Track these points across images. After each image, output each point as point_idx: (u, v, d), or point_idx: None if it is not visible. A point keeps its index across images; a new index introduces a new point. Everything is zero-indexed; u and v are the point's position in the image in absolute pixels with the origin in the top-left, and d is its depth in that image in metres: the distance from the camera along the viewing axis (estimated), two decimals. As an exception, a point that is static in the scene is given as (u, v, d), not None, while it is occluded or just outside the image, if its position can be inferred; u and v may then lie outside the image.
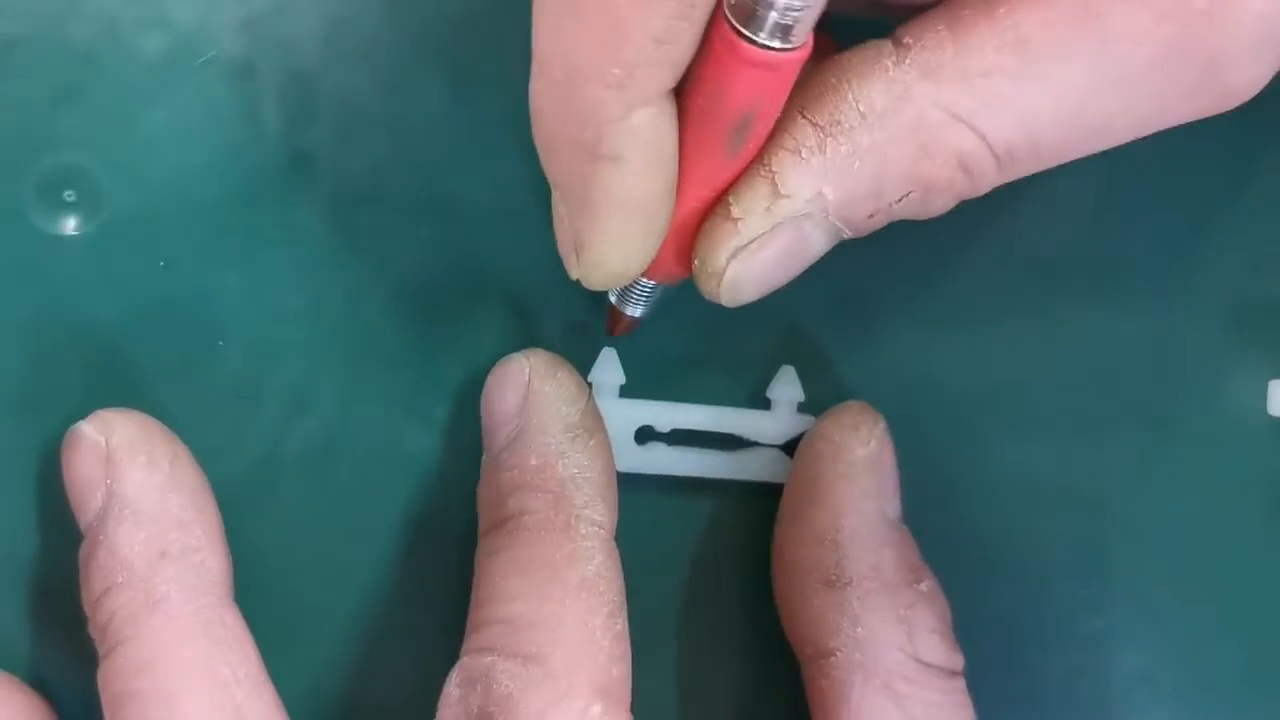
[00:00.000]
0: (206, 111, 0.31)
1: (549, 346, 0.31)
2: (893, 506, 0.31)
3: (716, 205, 0.26)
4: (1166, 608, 0.34)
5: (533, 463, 0.29)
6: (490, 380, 0.30)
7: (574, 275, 0.27)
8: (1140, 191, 0.34)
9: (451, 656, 0.28)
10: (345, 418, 0.31)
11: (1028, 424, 0.34)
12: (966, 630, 0.31)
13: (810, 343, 0.33)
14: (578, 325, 0.32)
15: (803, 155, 0.25)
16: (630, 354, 0.32)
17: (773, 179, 0.25)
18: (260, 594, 0.31)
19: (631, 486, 0.31)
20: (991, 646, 0.33)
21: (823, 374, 0.33)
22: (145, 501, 0.28)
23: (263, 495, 0.31)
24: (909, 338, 0.33)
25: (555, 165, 0.25)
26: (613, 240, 0.26)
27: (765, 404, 0.33)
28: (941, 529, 0.33)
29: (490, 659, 0.27)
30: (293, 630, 0.31)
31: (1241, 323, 0.35)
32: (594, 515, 0.29)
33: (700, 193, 0.26)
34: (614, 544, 0.29)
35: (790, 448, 0.32)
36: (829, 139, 0.25)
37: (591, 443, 0.29)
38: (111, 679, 0.27)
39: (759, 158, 0.25)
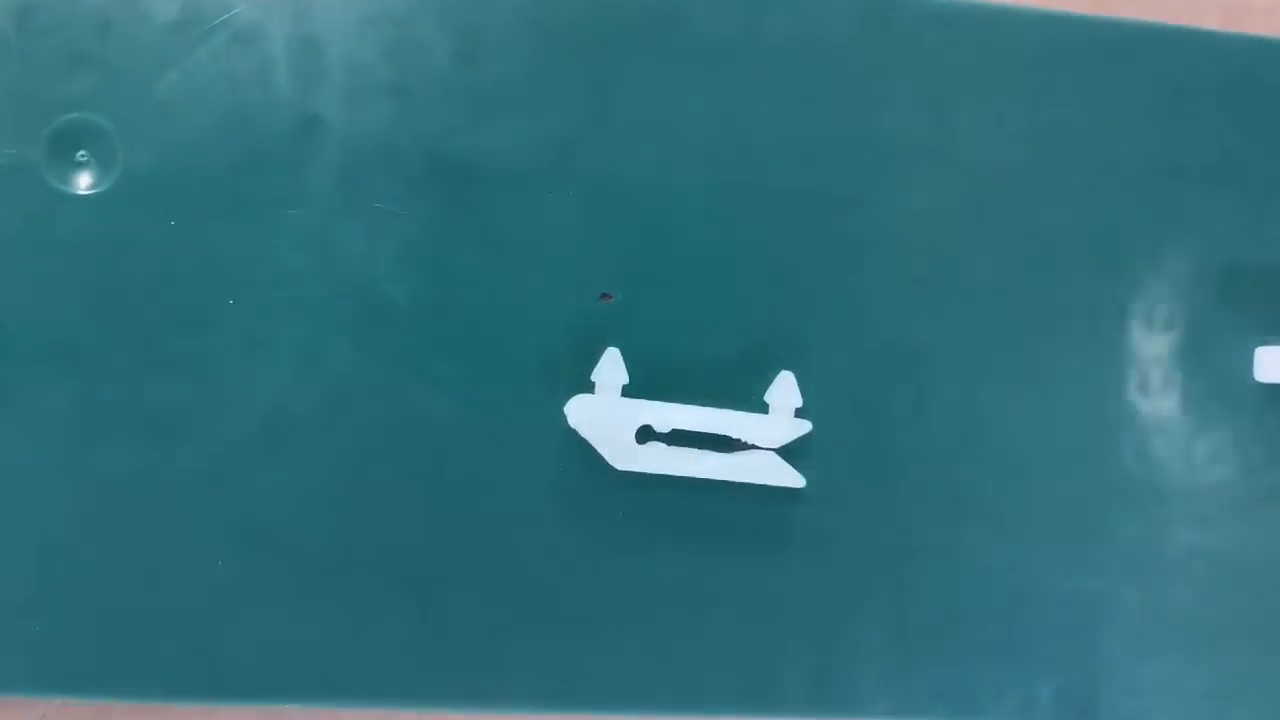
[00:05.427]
0: (218, 74, 0.31)
1: (557, 305, 0.32)
2: None
3: None
4: (1158, 565, 0.35)
5: None
6: None
7: None
8: (1132, 162, 0.35)
9: (454, 611, 0.28)
10: (353, 375, 0.32)
11: (1022, 388, 0.34)
12: (962, 586, 0.31)
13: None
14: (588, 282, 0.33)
15: None
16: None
17: None
18: (270, 543, 0.31)
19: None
20: (985, 602, 0.34)
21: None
22: None
23: (272, 448, 0.32)
24: (908, 305, 0.34)
25: None
26: None
27: (764, 408, 0.33)
28: (939, 488, 0.34)
29: None
30: (300, 580, 0.32)
31: (1228, 290, 0.35)
32: None
33: None
34: None
35: (786, 451, 0.33)
36: None
37: None
38: None
39: None
